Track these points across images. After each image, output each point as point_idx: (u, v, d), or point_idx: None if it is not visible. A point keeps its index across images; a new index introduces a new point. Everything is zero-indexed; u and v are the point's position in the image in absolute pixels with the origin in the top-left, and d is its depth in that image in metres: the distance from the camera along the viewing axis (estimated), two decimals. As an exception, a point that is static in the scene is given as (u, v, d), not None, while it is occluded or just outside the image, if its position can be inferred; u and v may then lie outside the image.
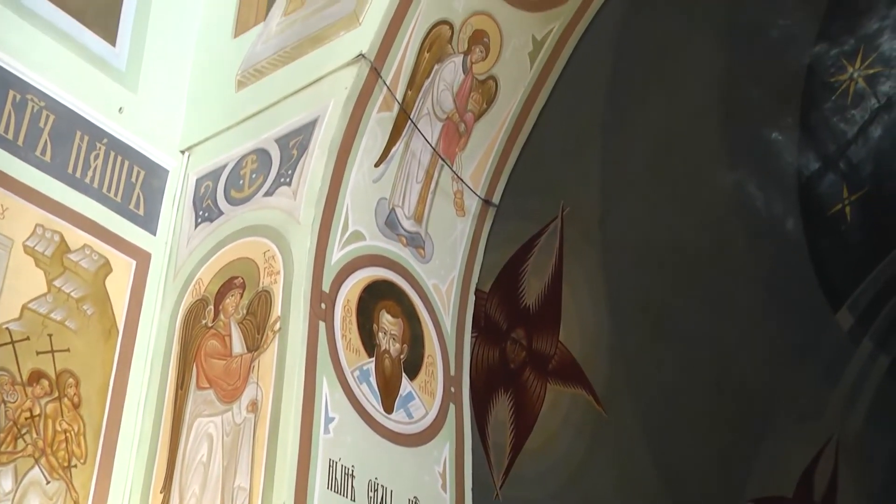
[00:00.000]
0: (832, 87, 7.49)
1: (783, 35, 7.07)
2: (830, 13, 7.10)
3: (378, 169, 4.94)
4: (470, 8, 5.21)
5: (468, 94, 5.30)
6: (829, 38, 7.23)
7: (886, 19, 7.31)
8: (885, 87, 7.63)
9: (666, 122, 6.91)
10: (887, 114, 7.76)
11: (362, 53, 4.82)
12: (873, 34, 7.37)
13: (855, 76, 7.50)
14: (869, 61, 7.46)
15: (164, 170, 5.27)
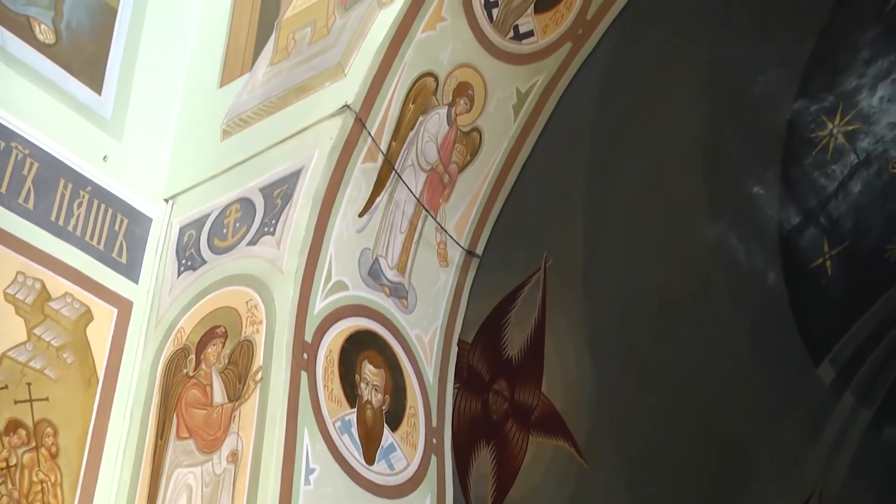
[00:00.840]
0: (812, 142, 7.57)
1: (764, 91, 7.16)
2: (810, 70, 7.19)
3: (362, 219, 4.96)
4: (455, 61, 5.26)
5: (452, 145, 5.34)
6: (808, 94, 7.33)
7: (864, 77, 7.41)
8: (864, 143, 7.73)
9: (649, 175, 6.96)
10: (866, 169, 7.84)
11: (347, 104, 4.85)
12: (852, 91, 7.47)
13: (835, 132, 7.59)
14: (848, 118, 7.55)
15: (147, 218, 5.26)
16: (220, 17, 5.80)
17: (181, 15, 5.85)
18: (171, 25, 5.78)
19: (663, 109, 6.71)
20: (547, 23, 5.51)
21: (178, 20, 5.83)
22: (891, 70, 7.44)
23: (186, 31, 5.83)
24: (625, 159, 6.78)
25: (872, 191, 7.95)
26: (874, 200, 8.00)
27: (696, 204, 7.33)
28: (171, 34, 5.76)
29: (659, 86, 6.58)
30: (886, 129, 7.71)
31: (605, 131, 6.49)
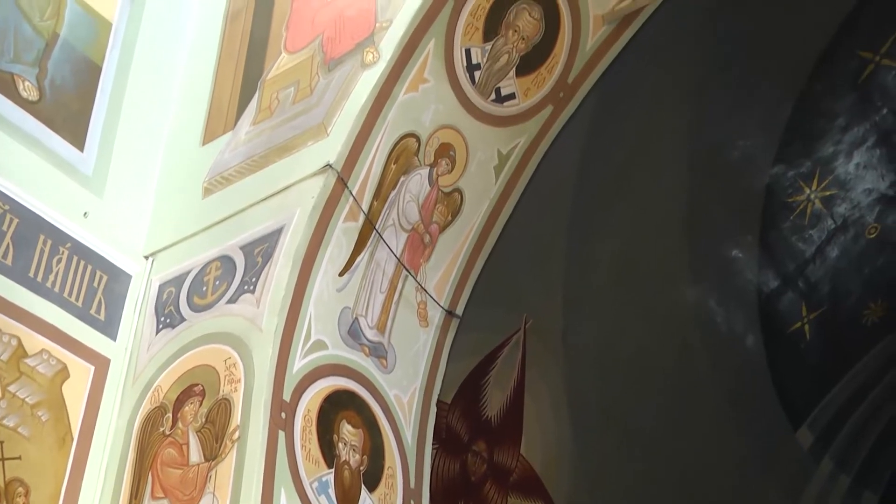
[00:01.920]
0: (790, 207, 7.64)
1: (743, 155, 7.24)
2: (788, 136, 7.28)
3: (342, 278, 4.95)
4: (437, 122, 5.30)
5: (434, 205, 5.36)
6: (786, 160, 7.41)
7: (841, 144, 7.51)
8: (840, 208, 7.80)
9: (629, 237, 7.00)
10: (843, 235, 7.90)
11: (329, 164, 4.87)
12: (829, 157, 7.56)
13: (812, 197, 7.67)
14: (825, 183, 7.63)
15: (126, 275, 5.25)
16: (203, 75, 5.84)
17: (165, 73, 5.89)
18: (155, 83, 5.81)
19: (643, 172, 6.77)
20: (529, 86, 5.57)
21: (162, 78, 5.86)
22: (867, 137, 7.53)
23: (170, 89, 5.86)
24: (605, 222, 6.83)
25: (849, 256, 8.00)
26: (851, 265, 8.05)
27: (675, 267, 7.37)
28: (155, 92, 5.79)
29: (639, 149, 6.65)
30: (863, 195, 7.79)
31: (585, 193, 6.54)
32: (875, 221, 7.90)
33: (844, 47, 7.02)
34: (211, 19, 6.07)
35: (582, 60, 5.70)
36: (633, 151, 6.61)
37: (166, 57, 5.93)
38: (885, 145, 7.59)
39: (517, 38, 5.45)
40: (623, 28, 5.73)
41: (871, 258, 8.07)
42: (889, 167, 7.68)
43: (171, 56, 5.96)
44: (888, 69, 7.23)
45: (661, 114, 6.57)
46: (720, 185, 7.20)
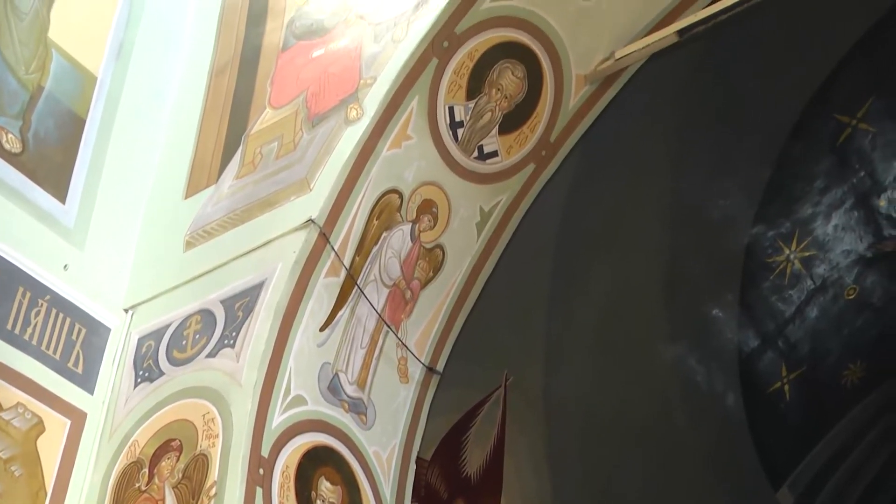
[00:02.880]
0: (770, 267, 7.69)
1: (724, 215, 7.29)
2: (767, 197, 7.35)
3: (323, 333, 4.94)
4: (419, 178, 5.32)
5: (415, 261, 5.36)
6: (766, 220, 7.47)
7: (819, 206, 7.58)
8: (819, 269, 7.85)
9: (610, 295, 7.02)
10: (822, 295, 7.95)
11: (312, 219, 4.88)
12: (808, 219, 7.63)
13: (791, 258, 7.72)
14: (804, 244, 7.69)
15: (105, 328, 5.21)
16: (187, 129, 5.86)
17: (149, 126, 5.91)
18: (139, 136, 5.82)
19: (625, 231, 6.81)
20: (511, 144, 5.62)
21: (146, 131, 5.88)
22: (844, 199, 7.61)
23: (154, 142, 5.87)
24: (586, 280, 6.85)
25: (828, 317, 8.04)
26: (830, 326, 8.09)
27: (656, 325, 7.38)
28: (139, 145, 5.80)
29: (621, 208, 6.69)
30: (841, 256, 7.85)
31: (567, 251, 6.57)
32: (854, 283, 7.95)
33: (822, 111, 7.12)
34: (196, 74, 6.11)
35: (564, 119, 5.76)
36: (614, 210, 6.66)
37: (151, 111, 5.95)
38: (862, 208, 7.67)
39: (500, 96, 5.50)
40: (605, 88, 5.81)
41: (850, 319, 8.11)
42: (867, 229, 7.75)
43: (155, 110, 5.98)
44: (865, 133, 7.33)
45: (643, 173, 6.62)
46: (701, 244, 7.24)
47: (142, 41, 6.06)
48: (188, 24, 6.40)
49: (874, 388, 8.37)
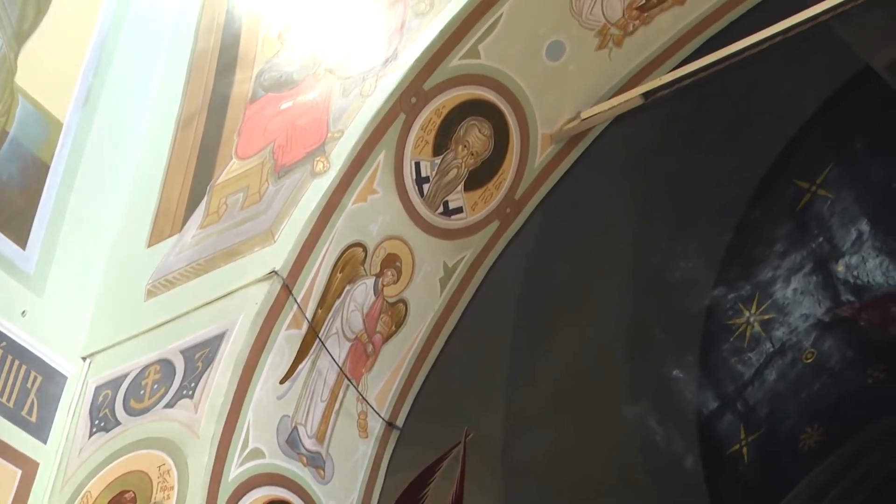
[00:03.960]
0: (730, 329, 7.73)
1: (685, 277, 7.34)
2: (728, 259, 7.40)
3: (283, 386, 4.90)
4: (384, 232, 5.34)
5: (378, 315, 5.36)
6: (727, 282, 7.52)
7: (779, 269, 7.65)
8: (778, 332, 7.90)
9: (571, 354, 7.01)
10: (781, 359, 7.99)
11: (275, 270, 4.87)
12: (767, 282, 7.69)
13: (751, 320, 7.77)
14: (764, 307, 7.74)
15: (62, 376, 5.15)
16: (153, 177, 5.85)
17: (114, 174, 5.89)
18: (104, 184, 5.80)
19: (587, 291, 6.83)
20: (476, 200, 5.65)
21: (111, 179, 5.86)
22: (804, 264, 7.68)
23: (118, 190, 5.86)
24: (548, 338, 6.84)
25: (787, 380, 8.08)
26: (789, 389, 8.12)
27: (616, 385, 7.38)
28: (103, 192, 5.78)
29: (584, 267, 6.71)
30: (800, 320, 7.91)
31: (529, 309, 6.57)
32: (812, 347, 8.01)
33: (782, 176, 7.21)
34: (163, 123, 6.11)
35: (529, 177, 5.81)
36: (577, 269, 6.68)
37: (116, 158, 5.94)
38: (821, 273, 7.75)
39: (467, 153, 5.55)
40: (570, 147, 5.88)
41: (807, 383, 8.15)
42: (825, 294, 7.83)
43: (121, 158, 5.96)
44: (824, 199, 7.43)
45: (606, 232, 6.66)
46: (662, 305, 7.27)
47: (110, 89, 6.06)
48: (157, 73, 6.41)
49: (831, 452, 8.40)
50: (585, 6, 5.59)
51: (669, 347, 7.51)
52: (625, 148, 6.19)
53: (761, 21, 5.48)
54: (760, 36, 5.34)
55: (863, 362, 8.08)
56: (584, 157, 5.97)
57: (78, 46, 6.00)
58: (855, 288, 7.82)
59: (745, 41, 5.37)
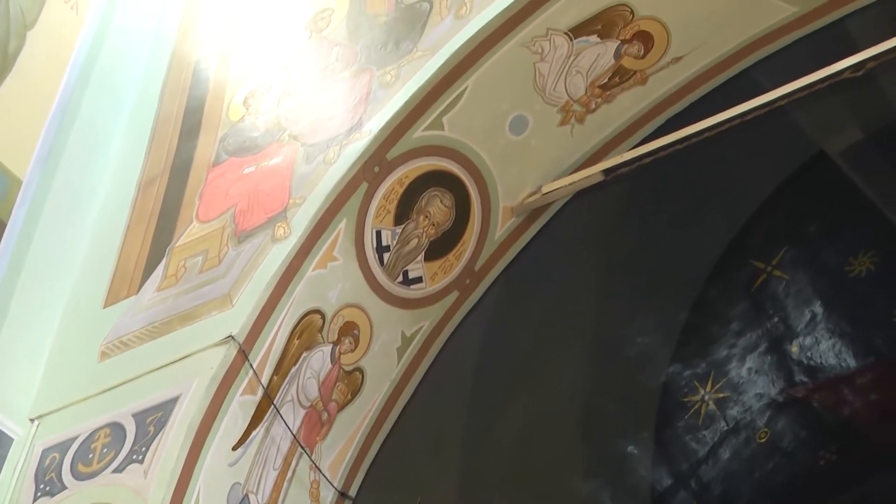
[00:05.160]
0: (685, 406, 7.75)
1: (641, 353, 7.37)
2: (685, 337, 7.45)
3: (235, 452, 4.83)
4: (343, 300, 5.32)
5: (334, 383, 5.32)
6: (683, 359, 7.56)
7: (734, 348, 7.70)
8: (733, 411, 7.93)
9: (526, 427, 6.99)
10: (735, 437, 8.01)
11: (232, 335, 4.83)
12: (723, 360, 7.73)
13: (706, 398, 7.79)
14: (719, 385, 7.78)
15: (8, 437, 5.05)
16: (112, 238, 5.81)
17: (73, 233, 5.85)
18: (61, 242, 5.76)
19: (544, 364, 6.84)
20: (436, 271, 5.66)
21: (69, 238, 5.82)
22: (759, 343, 7.75)
23: (76, 249, 5.81)
24: (504, 410, 6.82)
25: (740, 459, 8.09)
26: (742, 468, 8.13)
27: (572, 460, 7.35)
28: (60, 251, 5.73)
29: (541, 340, 6.73)
30: (754, 399, 7.95)
31: (486, 381, 6.56)
32: (765, 426, 8.05)
33: (739, 256, 7.30)
34: (125, 183, 6.10)
35: (490, 249, 5.84)
36: (535, 342, 6.69)
37: (75, 218, 5.90)
38: (775, 353, 7.82)
39: (428, 223, 5.57)
40: (531, 221, 5.92)
41: (760, 462, 8.16)
42: (779, 374, 7.89)
43: (80, 217, 5.93)
44: (779, 280, 7.52)
45: (565, 306, 6.69)
46: (618, 380, 7.29)
47: (72, 148, 6.05)
48: (120, 134, 6.41)
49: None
50: (549, 83, 5.68)
51: (625, 423, 7.51)
52: (585, 223, 6.25)
53: (720, 103, 5.59)
54: (719, 118, 5.44)
55: (815, 443, 8.12)
56: (545, 231, 6.02)
57: (42, 103, 5.99)
58: (808, 369, 7.89)
59: (705, 122, 5.47)
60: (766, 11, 5.66)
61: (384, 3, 5.95)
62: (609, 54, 5.68)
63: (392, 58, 5.59)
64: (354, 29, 5.99)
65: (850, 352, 7.82)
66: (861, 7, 5.67)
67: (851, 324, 7.72)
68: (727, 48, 5.79)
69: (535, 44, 5.53)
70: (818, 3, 5.64)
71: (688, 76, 5.84)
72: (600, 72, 5.73)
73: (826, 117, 6.51)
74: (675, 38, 5.70)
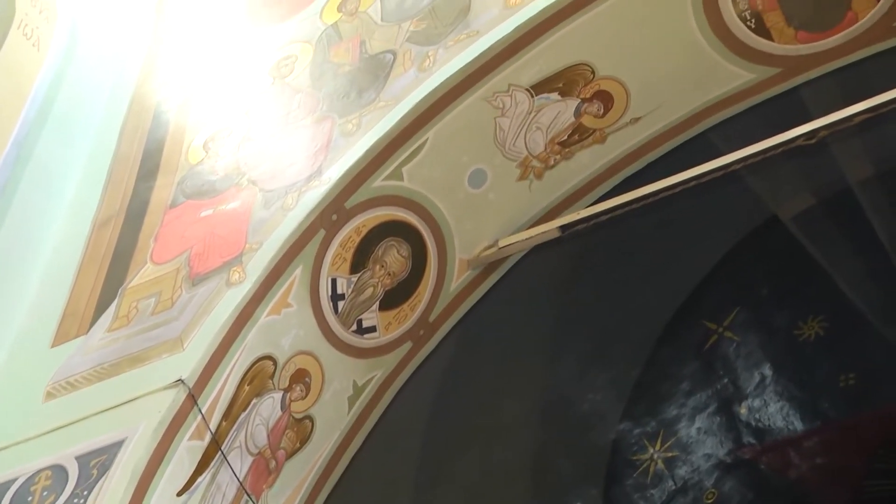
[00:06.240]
0: (634, 464, 7.75)
1: (592, 409, 7.38)
2: (635, 395, 7.47)
3: (180, 499, 4.75)
4: (296, 347, 5.29)
5: (283, 431, 5.27)
6: (633, 417, 7.57)
7: (684, 407, 7.74)
8: (681, 471, 7.94)
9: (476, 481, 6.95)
10: (683, 497, 8.02)
11: (182, 379, 4.77)
12: (672, 420, 7.76)
13: (655, 457, 7.81)
14: (668, 444, 7.80)
15: (-55, 478, 4.92)
16: (63, 277, 5.75)
17: (22, 271, 5.77)
18: (12, 279, 5.68)
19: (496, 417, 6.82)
20: (390, 320, 5.65)
21: (20, 275, 5.74)
22: (708, 404, 7.79)
23: (25, 287, 5.73)
24: (454, 464, 6.79)
25: (690, 520, 8.10)
26: (689, 529, 8.13)
27: (520, 516, 7.32)
28: (9, 289, 5.65)
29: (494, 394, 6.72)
30: (702, 459, 7.98)
31: (437, 433, 6.52)
32: (713, 486, 8.06)
33: (692, 316, 7.36)
34: (79, 223, 6.05)
35: (444, 301, 5.85)
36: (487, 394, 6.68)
37: (27, 255, 5.84)
38: (724, 413, 7.86)
39: (384, 273, 5.57)
40: (487, 274, 5.95)
41: (708, 523, 8.18)
42: (727, 435, 7.93)
43: (31, 255, 5.86)
44: (730, 341, 7.59)
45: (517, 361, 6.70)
46: (569, 436, 7.29)
47: (26, 185, 5.99)
48: (77, 173, 6.37)
49: None
50: (509, 138, 5.73)
51: (574, 479, 7.49)
52: (540, 278, 6.28)
53: (677, 165, 5.68)
54: (675, 179, 5.52)
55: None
56: (500, 285, 6.04)
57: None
58: (757, 431, 7.94)
59: (661, 183, 5.55)
60: (723, 77, 5.77)
61: (348, 53, 6.00)
62: (569, 112, 5.75)
63: (354, 107, 5.62)
64: (318, 77, 6.03)
65: (798, 415, 7.88)
66: (814, 77, 5.81)
67: (800, 387, 7.79)
68: (685, 111, 5.90)
69: (497, 99, 5.59)
70: (774, 72, 5.77)
71: (646, 136, 5.94)
72: (560, 129, 5.80)
73: (779, 183, 6.62)
74: (635, 99, 5.79)
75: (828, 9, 5.58)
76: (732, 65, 5.72)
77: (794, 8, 5.57)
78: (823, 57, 5.70)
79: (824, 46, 5.65)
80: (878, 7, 5.49)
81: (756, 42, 5.66)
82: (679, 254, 6.83)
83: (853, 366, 7.71)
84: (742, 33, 5.62)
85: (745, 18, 5.58)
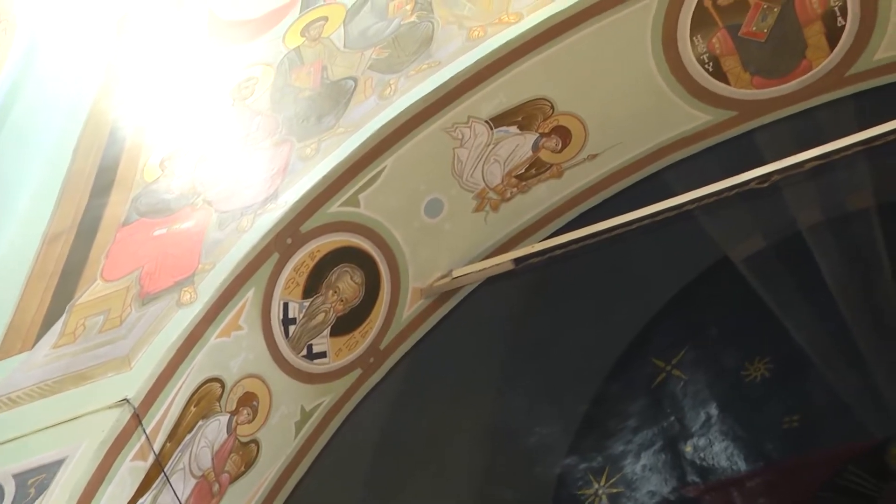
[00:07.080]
0: (579, 499, 7.75)
1: (540, 442, 7.39)
2: (583, 429, 7.49)
3: (119, 520, 4.69)
4: (244, 370, 5.25)
5: (228, 454, 5.21)
6: (579, 452, 7.59)
7: (630, 444, 7.77)
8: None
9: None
10: (626, 533, 8.04)
11: (127, 399, 4.71)
12: (619, 456, 7.79)
13: (600, 492, 7.82)
14: (613, 480, 7.82)
15: None
16: (9, 291, 5.67)
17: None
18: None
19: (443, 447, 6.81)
20: (341, 347, 5.63)
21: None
22: (654, 441, 7.83)
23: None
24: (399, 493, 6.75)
25: (623, 562, 8.11)
26: (632, 571, 8.14)
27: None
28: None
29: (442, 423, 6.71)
30: (647, 496, 8.00)
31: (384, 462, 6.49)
32: (656, 524, 8.09)
33: (641, 353, 7.41)
34: (28, 237, 5.98)
35: (396, 329, 5.84)
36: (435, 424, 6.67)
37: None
38: (670, 451, 7.90)
39: (336, 298, 5.56)
40: (440, 303, 5.95)
41: (650, 560, 8.19)
42: (672, 473, 7.96)
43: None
44: (678, 380, 7.64)
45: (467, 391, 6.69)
46: (515, 468, 7.28)
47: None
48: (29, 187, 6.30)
49: None
50: (467, 169, 5.76)
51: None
52: (492, 310, 6.30)
53: (632, 202, 5.73)
54: (630, 216, 5.57)
55: (704, 544, 8.19)
56: (452, 315, 6.05)
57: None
58: (701, 469, 7.98)
59: (616, 220, 5.60)
60: (681, 118, 5.85)
61: (310, 78, 6.00)
62: (527, 146, 5.79)
63: (314, 131, 5.62)
64: (278, 100, 6.02)
65: (742, 455, 7.94)
66: (769, 122, 5.91)
67: (744, 427, 7.86)
68: (642, 149, 5.96)
69: (456, 130, 5.61)
70: (730, 115, 5.86)
71: (602, 173, 5.99)
72: (518, 162, 5.84)
73: (732, 224, 6.70)
74: (593, 136, 5.85)
75: (783, 56, 5.68)
76: (690, 106, 5.80)
77: (751, 54, 5.67)
78: (778, 102, 5.79)
79: (779, 92, 5.75)
80: (830, 57, 5.60)
81: (713, 85, 5.74)
82: (631, 290, 6.88)
83: (797, 408, 7.79)
84: (700, 76, 5.71)
85: (703, 61, 5.66)
